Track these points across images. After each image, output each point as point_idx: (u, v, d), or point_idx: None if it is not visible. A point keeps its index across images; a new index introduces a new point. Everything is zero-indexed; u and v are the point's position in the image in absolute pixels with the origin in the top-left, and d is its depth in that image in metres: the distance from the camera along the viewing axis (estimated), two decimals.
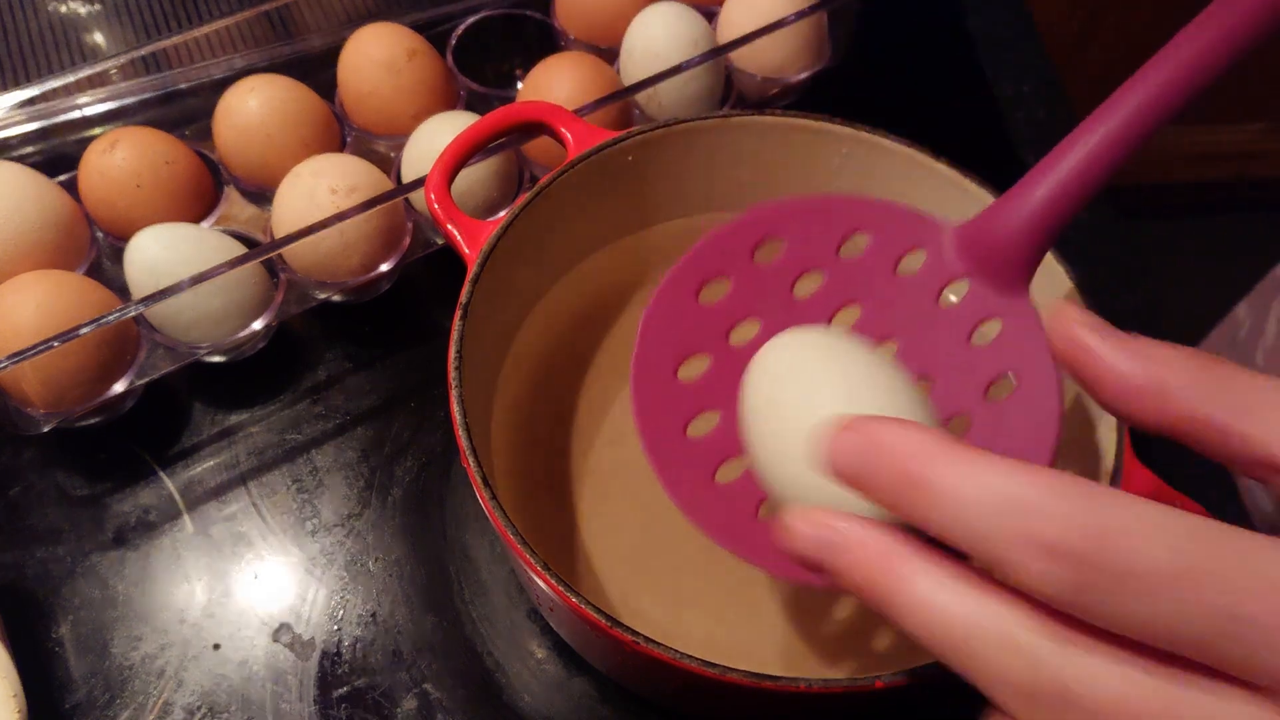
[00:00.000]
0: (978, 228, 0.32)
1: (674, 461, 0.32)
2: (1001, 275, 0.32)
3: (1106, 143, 0.29)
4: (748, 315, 0.33)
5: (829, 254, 0.33)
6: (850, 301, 0.34)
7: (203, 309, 0.43)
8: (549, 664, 0.41)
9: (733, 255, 0.33)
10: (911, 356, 0.33)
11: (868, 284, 0.33)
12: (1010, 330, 0.32)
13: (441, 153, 0.39)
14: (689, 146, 0.43)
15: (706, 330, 0.33)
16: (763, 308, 0.33)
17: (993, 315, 0.32)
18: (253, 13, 0.54)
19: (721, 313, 0.33)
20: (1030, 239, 0.31)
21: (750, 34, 0.50)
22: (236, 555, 0.43)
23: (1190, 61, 0.29)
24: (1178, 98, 0.29)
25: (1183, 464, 0.48)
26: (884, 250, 0.33)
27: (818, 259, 0.33)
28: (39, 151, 0.52)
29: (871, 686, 0.30)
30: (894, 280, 0.33)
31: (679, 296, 0.33)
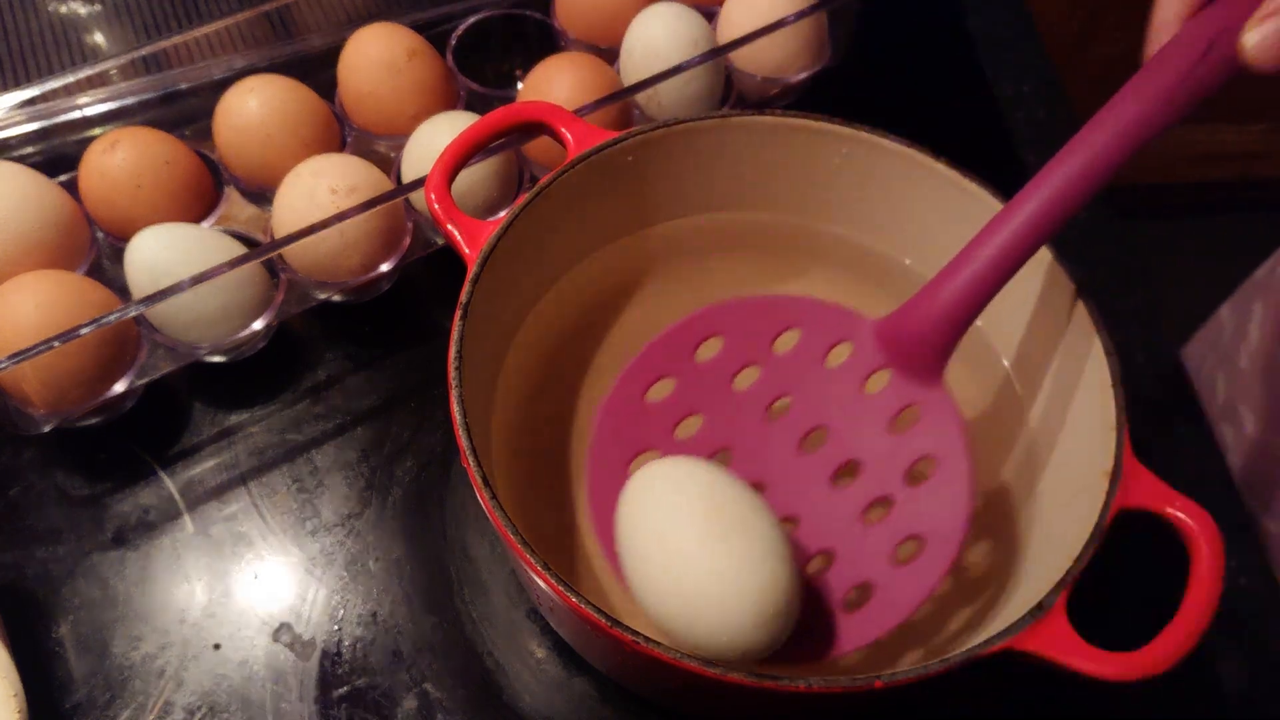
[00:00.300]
0: (895, 323, 0.35)
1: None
2: (918, 366, 0.36)
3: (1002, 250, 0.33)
4: (691, 411, 0.37)
5: (764, 349, 0.37)
6: (784, 393, 0.37)
7: (203, 309, 0.43)
8: (549, 664, 0.41)
9: (676, 355, 0.36)
10: (840, 443, 0.37)
11: (800, 376, 0.37)
12: (928, 417, 0.36)
13: (441, 153, 0.39)
14: (689, 146, 0.43)
15: (654, 427, 0.36)
16: (704, 403, 0.37)
17: (912, 402, 0.36)
18: (253, 13, 0.54)
19: (668, 409, 0.37)
20: (940, 335, 0.35)
21: (750, 34, 0.50)
22: (236, 555, 0.43)
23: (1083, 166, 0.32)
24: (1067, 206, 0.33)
25: (1183, 464, 0.49)
26: (814, 344, 0.36)
27: (754, 355, 0.37)
28: (39, 151, 0.52)
29: (871, 686, 0.30)
30: (823, 372, 0.37)
31: (629, 396, 0.36)
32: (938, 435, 0.36)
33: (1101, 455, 0.34)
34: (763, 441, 0.37)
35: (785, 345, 0.37)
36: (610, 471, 0.36)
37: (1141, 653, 0.30)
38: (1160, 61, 0.33)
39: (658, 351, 0.36)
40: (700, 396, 0.37)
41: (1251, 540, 0.46)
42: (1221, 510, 0.47)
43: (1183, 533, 0.32)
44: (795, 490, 0.37)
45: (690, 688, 0.34)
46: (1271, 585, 0.46)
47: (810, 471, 0.37)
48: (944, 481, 0.35)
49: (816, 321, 0.37)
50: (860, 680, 0.30)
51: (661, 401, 0.37)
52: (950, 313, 0.34)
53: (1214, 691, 0.43)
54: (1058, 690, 0.38)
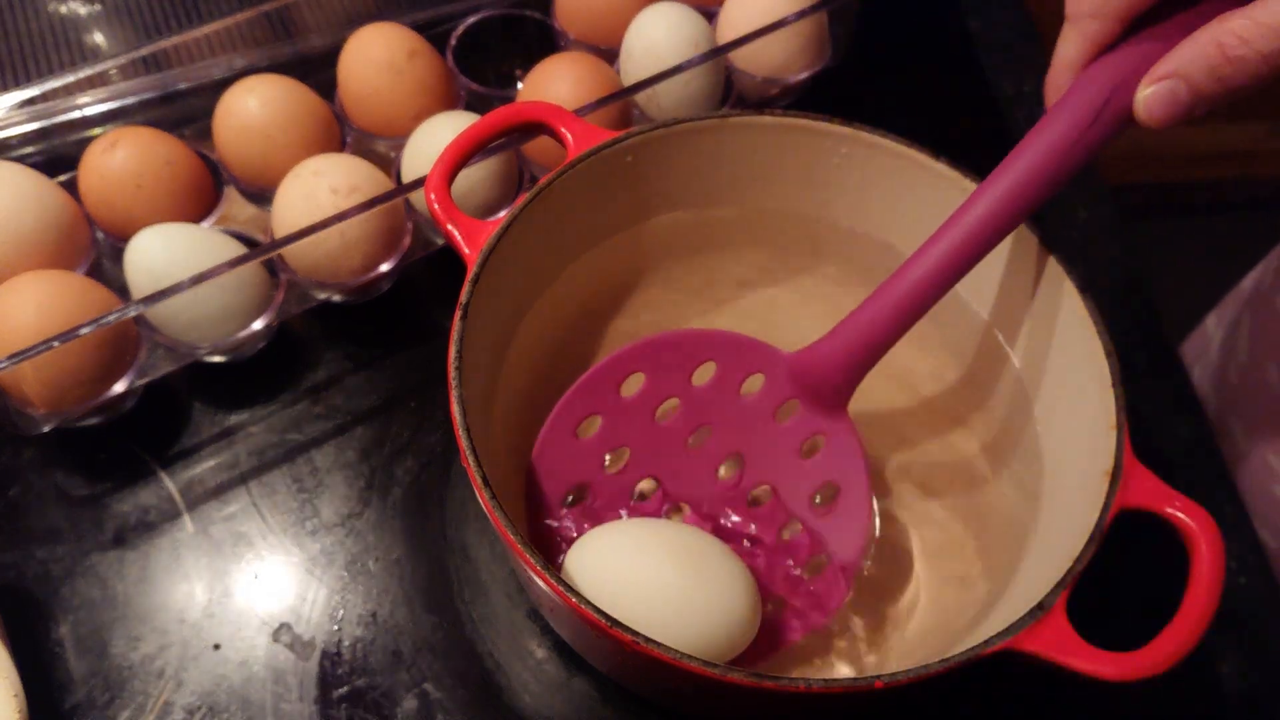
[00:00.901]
0: (805, 358, 0.38)
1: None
2: (824, 398, 0.38)
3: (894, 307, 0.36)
4: (618, 444, 0.39)
5: (684, 383, 0.39)
6: (703, 423, 0.39)
7: (203, 309, 0.43)
8: (549, 664, 0.41)
9: (602, 393, 0.38)
10: (755, 468, 0.40)
11: (717, 407, 0.39)
12: (832, 445, 0.39)
13: (441, 153, 0.39)
14: (689, 146, 0.43)
15: (585, 462, 0.39)
16: (630, 436, 0.39)
17: (818, 432, 0.39)
18: (253, 13, 0.54)
19: (597, 445, 0.39)
20: (845, 372, 0.37)
21: (750, 34, 0.50)
22: (236, 555, 0.43)
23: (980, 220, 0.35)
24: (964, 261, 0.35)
25: (1183, 464, 0.49)
26: (729, 376, 0.39)
27: (674, 388, 0.39)
28: (39, 151, 0.52)
29: (871, 686, 0.30)
30: (738, 402, 0.39)
31: (560, 435, 0.38)
32: (841, 463, 0.39)
33: (1101, 455, 0.34)
34: (684, 469, 0.40)
35: (703, 378, 0.39)
36: (547, 507, 0.38)
37: (1141, 653, 0.30)
38: (1058, 114, 0.34)
39: (585, 391, 0.38)
40: (626, 430, 0.39)
41: (1251, 540, 0.46)
42: (1221, 510, 0.47)
43: (1183, 533, 0.32)
44: (715, 514, 0.40)
45: (690, 688, 0.34)
46: (1272, 585, 0.46)
47: (728, 496, 0.40)
48: (846, 504, 0.39)
49: (731, 355, 0.39)
50: (860, 680, 0.30)
51: (591, 438, 0.39)
52: (848, 360, 0.37)
53: (1214, 691, 0.43)
54: (1058, 690, 0.38)
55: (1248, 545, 0.46)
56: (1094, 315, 0.37)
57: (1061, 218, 0.56)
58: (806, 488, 0.40)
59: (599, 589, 0.34)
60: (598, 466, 0.39)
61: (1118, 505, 0.33)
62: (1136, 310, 0.53)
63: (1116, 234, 0.55)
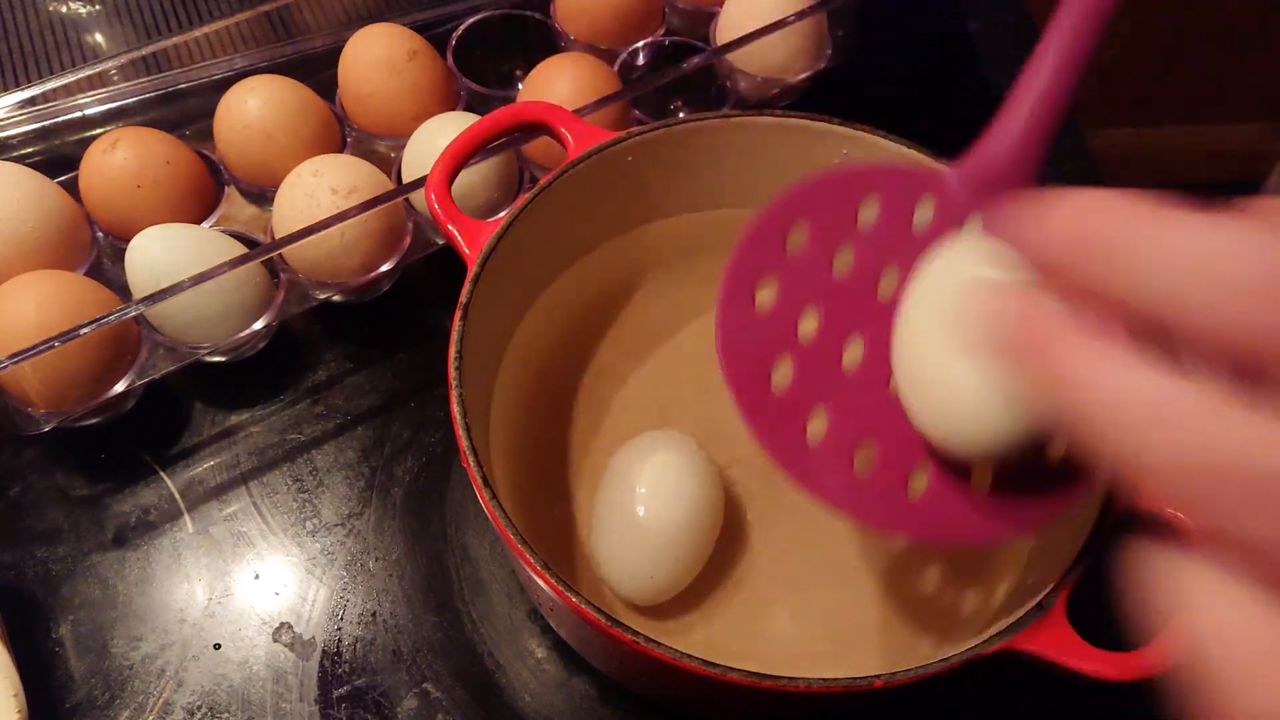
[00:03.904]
0: (974, 164, 0.33)
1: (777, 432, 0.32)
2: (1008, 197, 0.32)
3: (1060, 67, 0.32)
4: (805, 306, 0.33)
5: (851, 227, 0.34)
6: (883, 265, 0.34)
7: (203, 309, 0.43)
8: (549, 664, 0.41)
9: (767, 254, 0.33)
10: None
11: (895, 245, 0.33)
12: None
13: (442, 153, 0.39)
14: (689, 147, 0.43)
15: (773, 335, 0.33)
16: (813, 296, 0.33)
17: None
18: (253, 13, 0.54)
19: (784, 313, 0.33)
20: (1024, 161, 0.33)
21: (750, 34, 0.50)
22: (237, 555, 0.43)
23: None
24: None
25: None
26: (896, 209, 0.34)
27: (841, 234, 0.34)
28: (39, 151, 0.52)
29: (871, 686, 0.30)
30: (914, 238, 0.34)
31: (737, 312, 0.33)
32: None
33: None
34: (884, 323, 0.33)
35: (868, 218, 0.34)
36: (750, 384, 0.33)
37: (1141, 653, 0.30)
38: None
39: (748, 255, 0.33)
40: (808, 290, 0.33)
41: None
42: None
43: (1183, 532, 0.32)
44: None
45: (689, 687, 0.34)
46: None
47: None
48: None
49: (892, 186, 0.34)
50: (860, 680, 0.30)
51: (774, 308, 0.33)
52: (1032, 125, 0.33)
53: None
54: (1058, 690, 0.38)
55: None
56: None
57: None
58: None
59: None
60: (790, 338, 0.33)
61: (1118, 505, 0.33)
62: None
63: None
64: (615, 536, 0.39)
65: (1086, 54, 0.32)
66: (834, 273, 0.34)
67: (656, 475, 0.39)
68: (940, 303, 0.30)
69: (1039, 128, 0.33)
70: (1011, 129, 0.33)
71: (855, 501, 0.32)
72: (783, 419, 0.32)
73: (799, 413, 0.32)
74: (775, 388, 0.33)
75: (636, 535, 0.38)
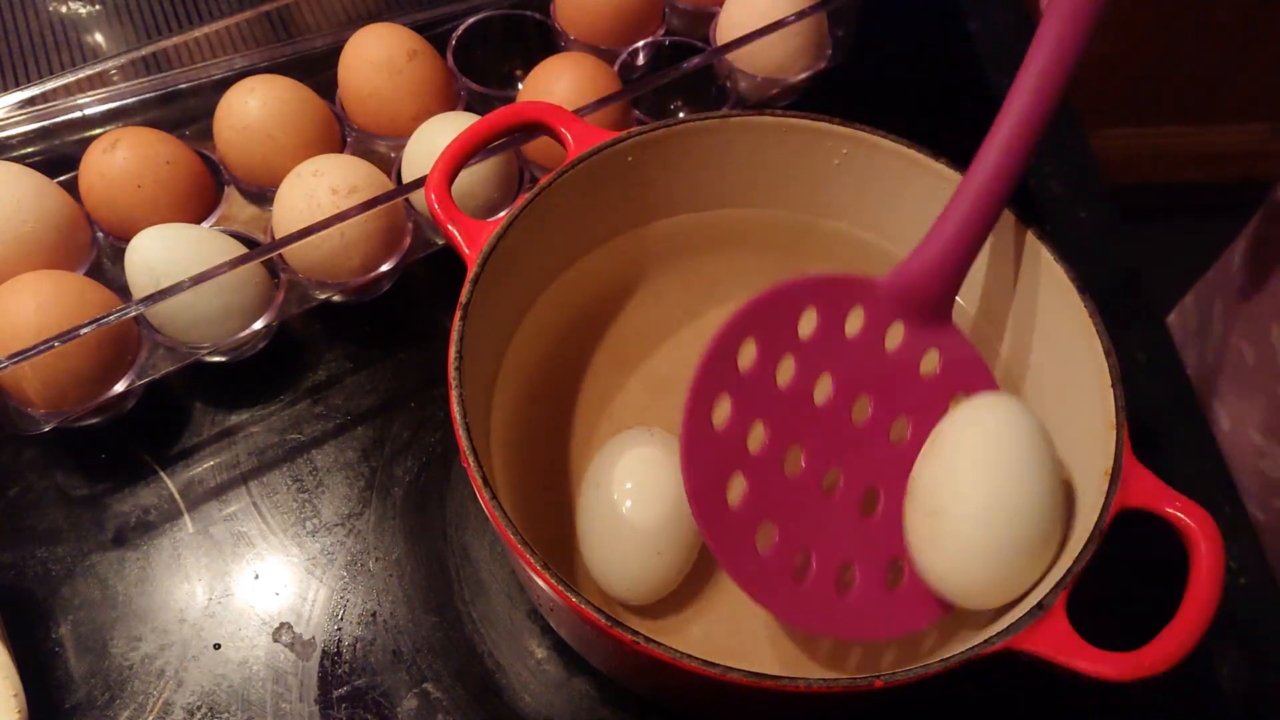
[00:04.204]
0: (900, 277, 0.38)
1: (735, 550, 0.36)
2: (926, 313, 0.38)
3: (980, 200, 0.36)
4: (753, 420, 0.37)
5: (792, 338, 0.37)
6: (821, 372, 0.38)
7: (203, 309, 0.43)
8: (549, 664, 0.41)
9: (724, 372, 0.36)
10: (884, 404, 0.38)
11: (830, 353, 0.38)
12: (947, 355, 0.39)
13: (442, 153, 0.39)
14: (689, 147, 0.43)
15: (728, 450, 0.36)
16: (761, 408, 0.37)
17: (930, 346, 0.39)
18: (253, 13, 0.54)
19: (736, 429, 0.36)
20: (942, 280, 0.37)
21: (750, 34, 0.50)
22: (237, 555, 0.43)
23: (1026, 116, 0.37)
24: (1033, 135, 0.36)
25: (1183, 464, 0.49)
26: (831, 318, 0.38)
27: (784, 346, 0.37)
28: (39, 151, 0.52)
29: (871, 686, 0.30)
30: (846, 341, 0.38)
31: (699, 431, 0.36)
32: (962, 369, 0.39)
33: (1101, 455, 0.34)
34: (819, 425, 0.38)
35: (807, 327, 0.38)
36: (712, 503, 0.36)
37: (1141, 653, 0.30)
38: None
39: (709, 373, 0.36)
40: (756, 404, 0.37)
41: (1251, 540, 0.46)
42: (1221, 510, 0.47)
43: (1183, 533, 0.32)
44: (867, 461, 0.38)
45: (690, 687, 0.34)
46: (1272, 585, 0.46)
47: (872, 437, 0.38)
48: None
49: (828, 296, 0.38)
50: (860, 680, 0.30)
51: (728, 425, 0.36)
52: (943, 265, 0.37)
53: (1214, 691, 0.43)
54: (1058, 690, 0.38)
55: (1248, 545, 0.46)
56: (1094, 315, 0.37)
57: (1061, 218, 0.56)
58: (937, 406, 0.38)
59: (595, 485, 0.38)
60: (743, 452, 0.36)
61: (1117, 505, 0.33)
62: (1136, 310, 0.53)
63: (1116, 234, 0.55)
64: (600, 538, 0.38)
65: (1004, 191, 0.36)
66: (778, 384, 0.37)
67: (633, 473, 0.38)
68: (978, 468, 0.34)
69: (958, 252, 0.37)
70: (932, 251, 0.37)
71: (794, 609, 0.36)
72: (736, 530, 0.36)
73: (750, 524, 0.36)
74: (731, 501, 0.36)
75: (620, 535, 0.38)
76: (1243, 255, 0.59)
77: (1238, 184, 1.31)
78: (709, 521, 0.35)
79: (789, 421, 0.37)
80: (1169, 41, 1.19)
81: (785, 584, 0.36)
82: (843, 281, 0.38)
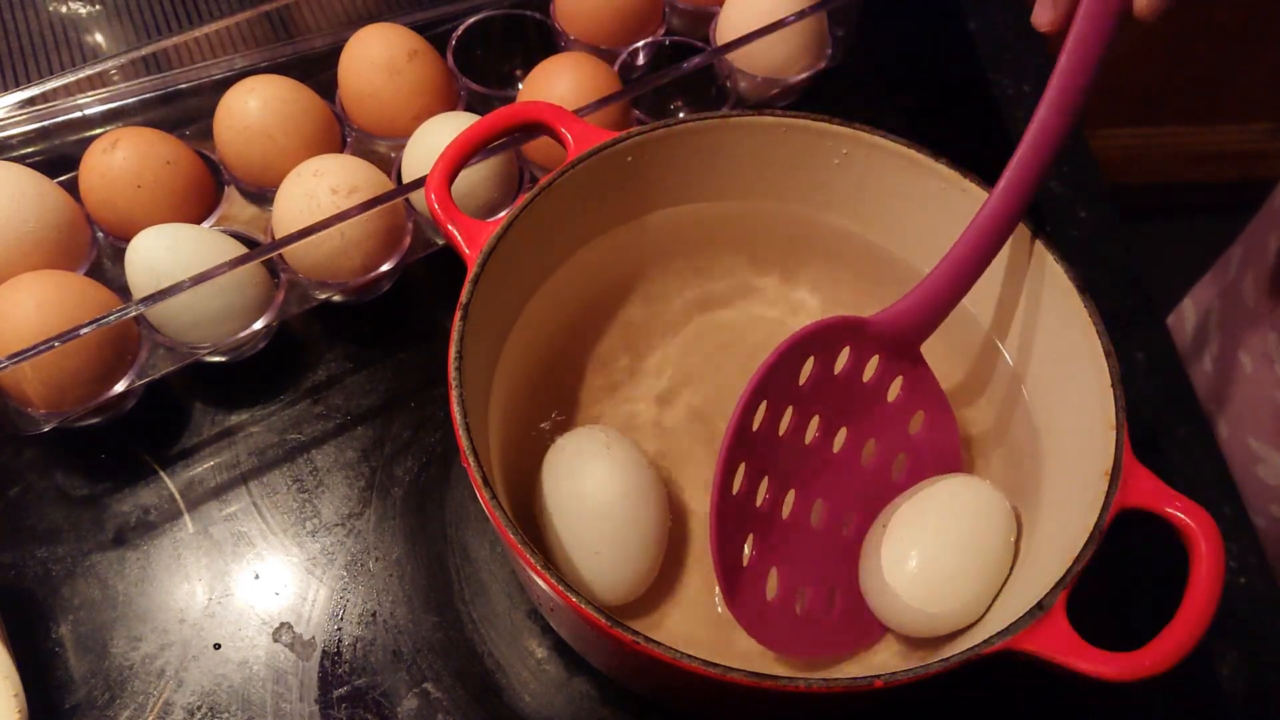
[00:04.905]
0: (888, 318, 0.39)
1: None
2: (900, 348, 0.40)
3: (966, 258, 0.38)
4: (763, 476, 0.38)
5: (794, 388, 0.39)
6: (814, 414, 0.40)
7: (203, 309, 0.43)
8: (549, 664, 0.41)
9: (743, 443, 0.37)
10: (858, 432, 0.41)
11: (821, 394, 0.39)
12: (909, 381, 0.41)
13: (442, 153, 0.39)
14: (689, 147, 0.43)
15: (744, 512, 0.38)
16: (770, 465, 0.38)
17: (898, 374, 0.41)
18: (253, 13, 0.54)
19: (749, 492, 0.38)
20: (921, 326, 0.40)
21: (750, 34, 0.50)
22: (237, 555, 0.43)
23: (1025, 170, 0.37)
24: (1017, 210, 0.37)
25: (1183, 464, 0.49)
26: (826, 361, 0.39)
27: (787, 398, 0.39)
28: (39, 151, 0.52)
29: (871, 686, 0.30)
30: (834, 379, 0.40)
31: (725, 500, 0.37)
32: (923, 392, 0.41)
33: (1101, 455, 0.34)
34: (810, 463, 0.40)
35: (805, 374, 0.39)
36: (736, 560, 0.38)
37: (1141, 653, 0.30)
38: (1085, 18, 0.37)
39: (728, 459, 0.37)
40: (765, 461, 0.38)
41: (1251, 540, 0.46)
42: (1221, 510, 0.47)
43: (1183, 533, 0.32)
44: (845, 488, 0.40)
45: (689, 687, 0.34)
46: (1272, 585, 0.46)
47: (848, 464, 0.41)
48: (935, 424, 0.42)
49: (825, 342, 0.39)
50: (860, 680, 0.30)
51: (742, 489, 0.38)
52: (927, 311, 0.39)
53: (1214, 691, 0.43)
54: (1058, 690, 0.38)
55: (1248, 545, 0.46)
56: (1094, 315, 0.37)
57: (1061, 218, 0.56)
58: (901, 423, 0.41)
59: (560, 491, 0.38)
60: (754, 510, 0.38)
61: (1117, 505, 0.33)
62: (1136, 310, 0.53)
63: (1116, 234, 0.55)
64: (566, 545, 0.38)
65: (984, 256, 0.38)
66: (780, 436, 0.39)
67: (574, 475, 0.38)
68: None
69: (945, 301, 0.39)
70: (921, 298, 0.39)
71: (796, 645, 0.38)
72: (750, 588, 0.38)
73: (761, 577, 0.38)
74: (746, 561, 0.38)
75: (580, 537, 0.38)
76: (1239, 263, 0.59)
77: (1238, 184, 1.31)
78: (731, 589, 0.37)
79: (788, 467, 0.39)
80: (1169, 41, 1.19)
81: (789, 625, 0.38)
82: (838, 325, 0.39)
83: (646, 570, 0.38)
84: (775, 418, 0.38)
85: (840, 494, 0.40)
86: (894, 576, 0.37)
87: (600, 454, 0.38)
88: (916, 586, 0.37)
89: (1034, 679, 0.32)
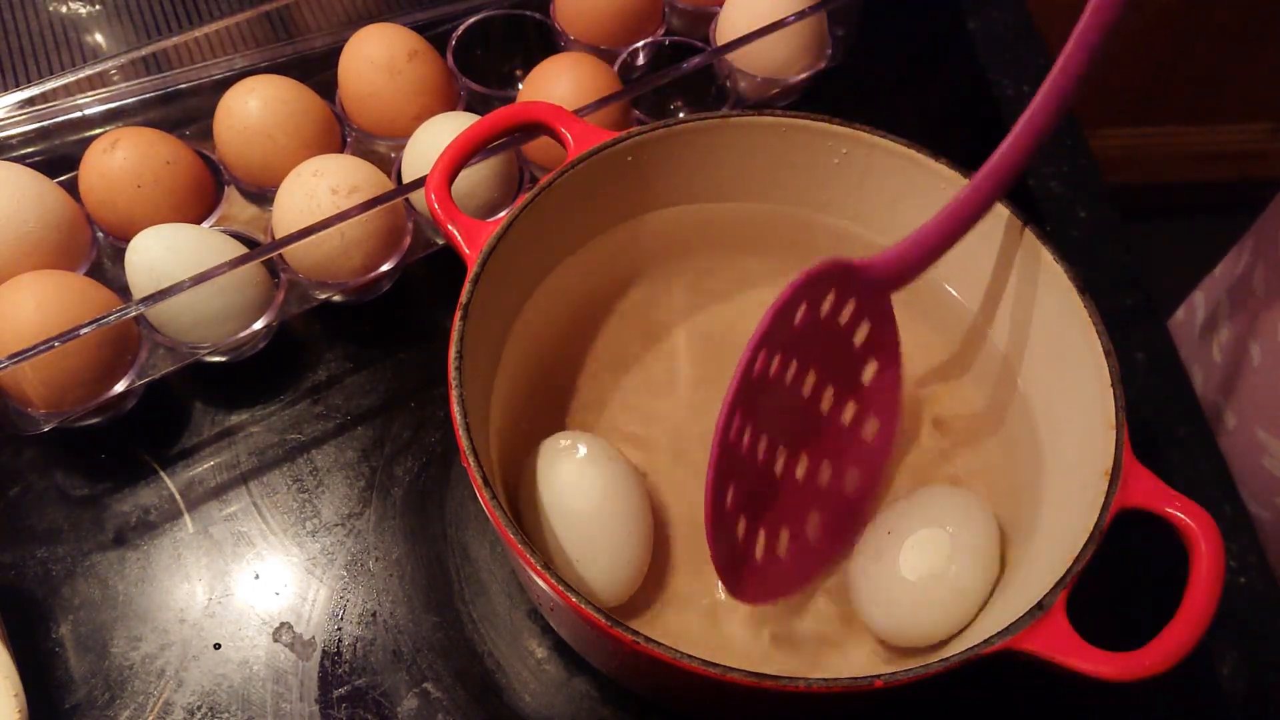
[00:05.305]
0: (876, 261, 0.39)
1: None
2: (875, 293, 0.40)
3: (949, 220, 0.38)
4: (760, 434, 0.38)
5: (790, 334, 0.38)
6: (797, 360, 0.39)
7: (203, 309, 0.43)
8: (549, 664, 0.41)
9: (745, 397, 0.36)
10: (825, 377, 0.40)
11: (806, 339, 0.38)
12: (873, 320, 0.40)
13: (442, 153, 0.39)
14: (689, 146, 0.43)
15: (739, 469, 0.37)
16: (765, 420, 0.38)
17: (866, 315, 0.40)
18: (253, 13, 0.54)
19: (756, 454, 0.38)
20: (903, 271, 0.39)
21: (750, 34, 0.50)
22: (237, 555, 0.43)
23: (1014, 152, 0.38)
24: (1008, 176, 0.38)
25: (1183, 464, 0.49)
26: (814, 305, 0.38)
27: (782, 346, 0.38)
28: (39, 151, 0.52)
29: (871, 686, 0.30)
30: (818, 323, 0.39)
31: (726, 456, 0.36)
32: (880, 331, 0.41)
33: (1101, 455, 0.34)
34: (796, 416, 0.40)
35: (797, 319, 0.38)
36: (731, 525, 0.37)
37: (1141, 653, 0.30)
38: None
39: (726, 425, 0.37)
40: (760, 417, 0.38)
41: (1251, 540, 0.46)
42: (1221, 510, 0.47)
43: (1183, 533, 0.32)
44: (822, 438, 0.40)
45: (689, 687, 0.34)
46: (1271, 585, 0.46)
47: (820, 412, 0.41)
48: (883, 372, 0.41)
49: (817, 287, 0.38)
50: (860, 680, 0.30)
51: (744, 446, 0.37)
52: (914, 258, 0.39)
53: (1214, 691, 0.43)
54: (1058, 690, 0.38)
55: (1248, 545, 0.46)
56: (1093, 315, 0.37)
57: (1061, 218, 0.56)
58: (858, 363, 0.41)
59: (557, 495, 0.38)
60: (750, 465, 0.38)
61: (1117, 505, 0.33)
62: (1136, 310, 0.53)
63: (1116, 234, 0.55)
64: (556, 550, 0.38)
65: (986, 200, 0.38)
66: (774, 388, 0.38)
67: (553, 479, 0.38)
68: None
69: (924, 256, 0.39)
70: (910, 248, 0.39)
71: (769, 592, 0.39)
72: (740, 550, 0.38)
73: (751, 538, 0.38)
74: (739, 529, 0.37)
75: (567, 541, 0.37)
76: (1250, 253, 0.59)
77: (1238, 184, 1.31)
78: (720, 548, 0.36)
79: (779, 422, 0.38)
80: (1169, 41, 1.19)
81: (766, 576, 0.38)
82: (829, 268, 0.38)
83: (636, 569, 0.38)
84: (770, 367, 0.38)
85: (820, 447, 0.40)
86: (885, 587, 0.37)
87: (573, 457, 0.38)
88: (906, 598, 0.37)
89: (1034, 679, 0.32)
